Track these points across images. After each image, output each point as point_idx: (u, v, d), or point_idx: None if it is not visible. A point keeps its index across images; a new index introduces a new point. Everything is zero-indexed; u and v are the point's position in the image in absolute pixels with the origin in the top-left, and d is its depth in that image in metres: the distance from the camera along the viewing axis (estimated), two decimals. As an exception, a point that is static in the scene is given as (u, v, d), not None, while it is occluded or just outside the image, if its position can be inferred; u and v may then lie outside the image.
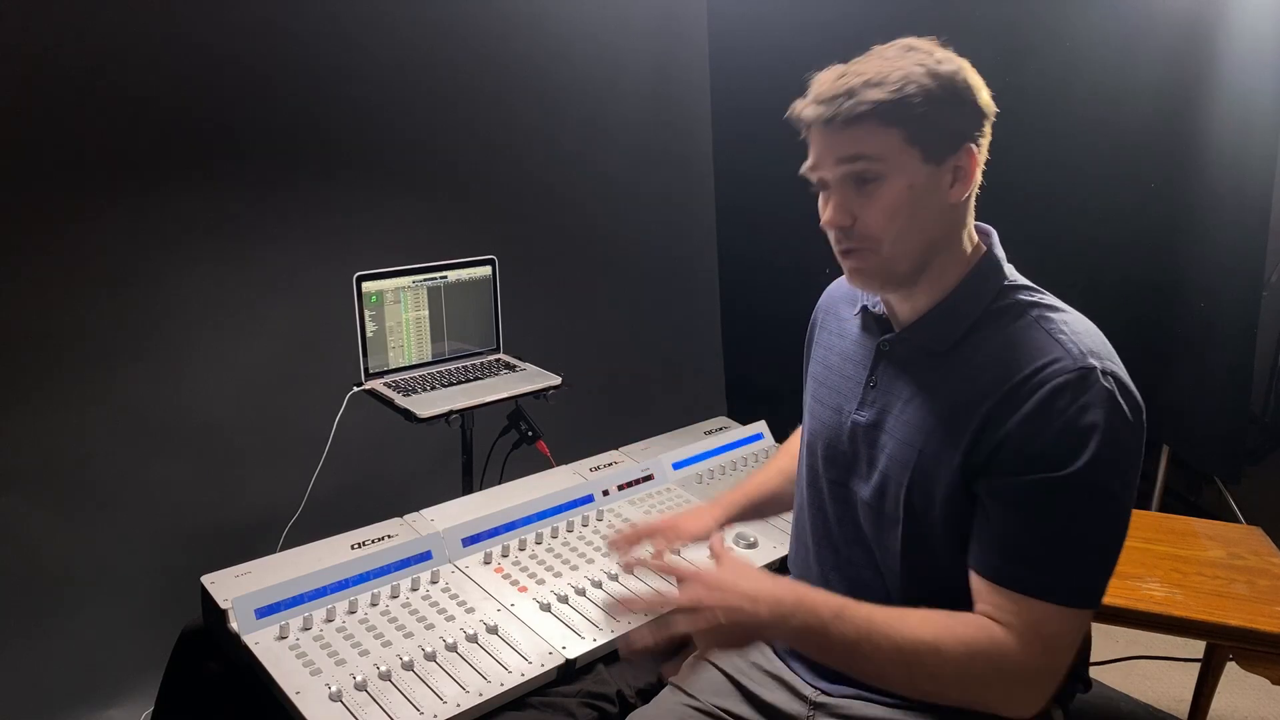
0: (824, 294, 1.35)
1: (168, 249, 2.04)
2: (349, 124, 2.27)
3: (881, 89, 0.98)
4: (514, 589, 1.49)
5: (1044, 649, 0.97)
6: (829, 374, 1.22)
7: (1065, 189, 2.45)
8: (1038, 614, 0.96)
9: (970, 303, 1.06)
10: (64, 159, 1.87)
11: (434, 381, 2.06)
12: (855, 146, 1.00)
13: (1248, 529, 2.01)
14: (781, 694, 1.20)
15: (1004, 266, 1.09)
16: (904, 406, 1.09)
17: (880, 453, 1.10)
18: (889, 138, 0.99)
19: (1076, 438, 0.94)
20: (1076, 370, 0.96)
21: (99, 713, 2.01)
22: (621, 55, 2.81)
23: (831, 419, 1.19)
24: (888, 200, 1.01)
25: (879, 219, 1.02)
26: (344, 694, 1.21)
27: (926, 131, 1.00)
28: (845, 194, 1.03)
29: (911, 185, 1.01)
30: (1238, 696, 2.18)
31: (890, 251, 1.03)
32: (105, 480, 2.02)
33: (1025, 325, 1.03)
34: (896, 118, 0.99)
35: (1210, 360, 2.43)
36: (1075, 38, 2.37)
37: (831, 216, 1.04)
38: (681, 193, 3.11)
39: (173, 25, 1.94)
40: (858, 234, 1.03)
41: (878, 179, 1.01)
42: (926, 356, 1.08)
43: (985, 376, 1.01)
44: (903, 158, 1.00)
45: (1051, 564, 0.96)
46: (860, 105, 0.98)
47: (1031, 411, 0.96)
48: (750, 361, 3.20)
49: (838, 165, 1.02)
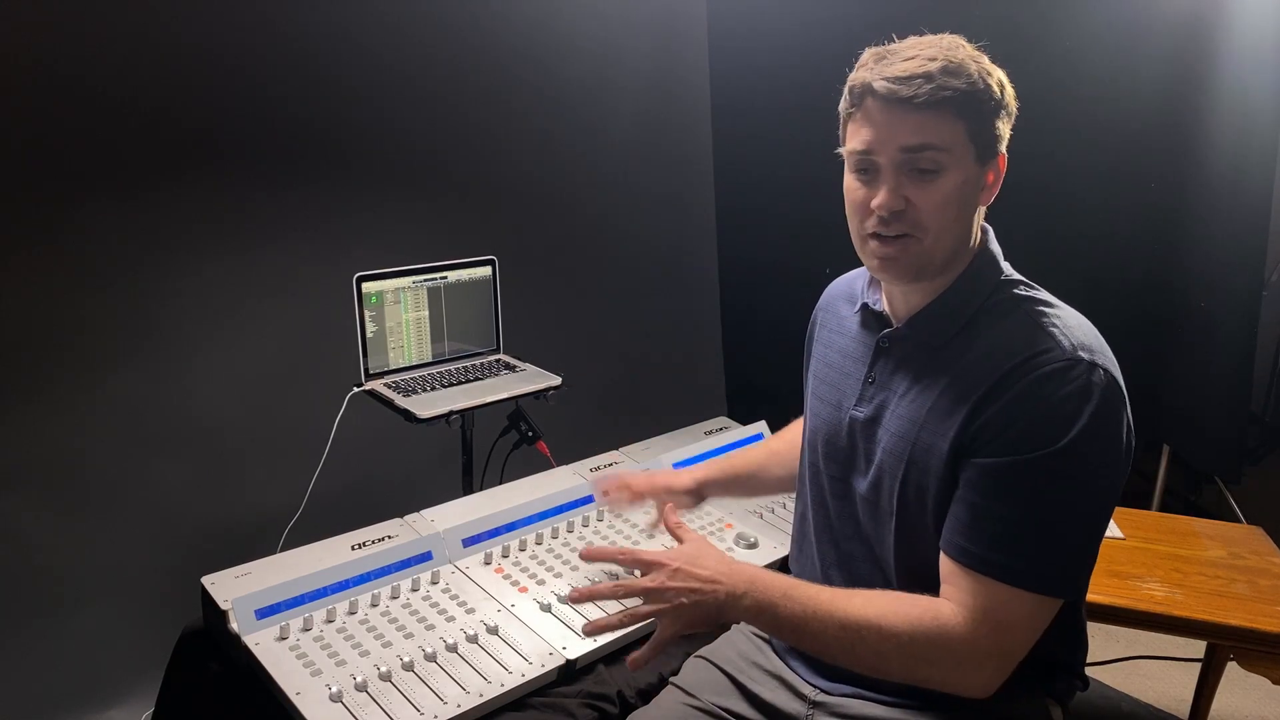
0: (824, 293, 1.35)
1: (168, 249, 2.04)
2: (349, 124, 2.27)
3: (960, 79, 0.98)
4: (514, 589, 1.49)
5: (994, 631, 0.97)
6: (829, 371, 1.23)
7: (1065, 189, 2.45)
8: (993, 595, 0.97)
9: (967, 298, 1.07)
10: (64, 159, 1.87)
11: (434, 382, 2.06)
12: (926, 134, 0.99)
13: (1248, 529, 2.01)
14: (781, 693, 1.20)
15: (1000, 262, 1.10)
16: (899, 401, 1.09)
17: (876, 447, 1.11)
18: (957, 130, 0.99)
19: (1054, 422, 0.95)
20: (1065, 360, 0.97)
21: (99, 713, 2.01)
22: (622, 55, 2.81)
23: (831, 415, 1.20)
24: (945, 191, 1.00)
25: (933, 208, 1.00)
26: (344, 695, 1.21)
27: (983, 131, 1.01)
28: (900, 179, 1.01)
29: (965, 180, 1.01)
30: (1238, 696, 2.18)
31: (933, 243, 1.02)
32: (105, 480, 2.02)
33: (1020, 319, 1.03)
34: (967, 112, 0.99)
35: (1210, 360, 2.43)
36: (1075, 38, 2.37)
37: (886, 199, 1.01)
38: (682, 193, 3.11)
39: (172, 25, 1.94)
40: (907, 220, 1.01)
41: (939, 170, 1.00)
42: (924, 351, 1.09)
43: (978, 369, 1.02)
44: (963, 152, 1.00)
45: (1012, 546, 0.97)
46: (943, 91, 0.97)
47: (1015, 397, 0.97)
48: (750, 361, 3.20)
49: (901, 151, 1.00)
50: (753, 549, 1.65)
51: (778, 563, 1.64)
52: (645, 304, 3.10)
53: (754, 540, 1.67)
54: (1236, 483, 2.70)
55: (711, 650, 1.33)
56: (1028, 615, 0.98)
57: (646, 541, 1.66)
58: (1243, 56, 2.25)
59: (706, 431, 2.13)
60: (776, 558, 1.63)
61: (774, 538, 1.69)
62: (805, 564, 1.27)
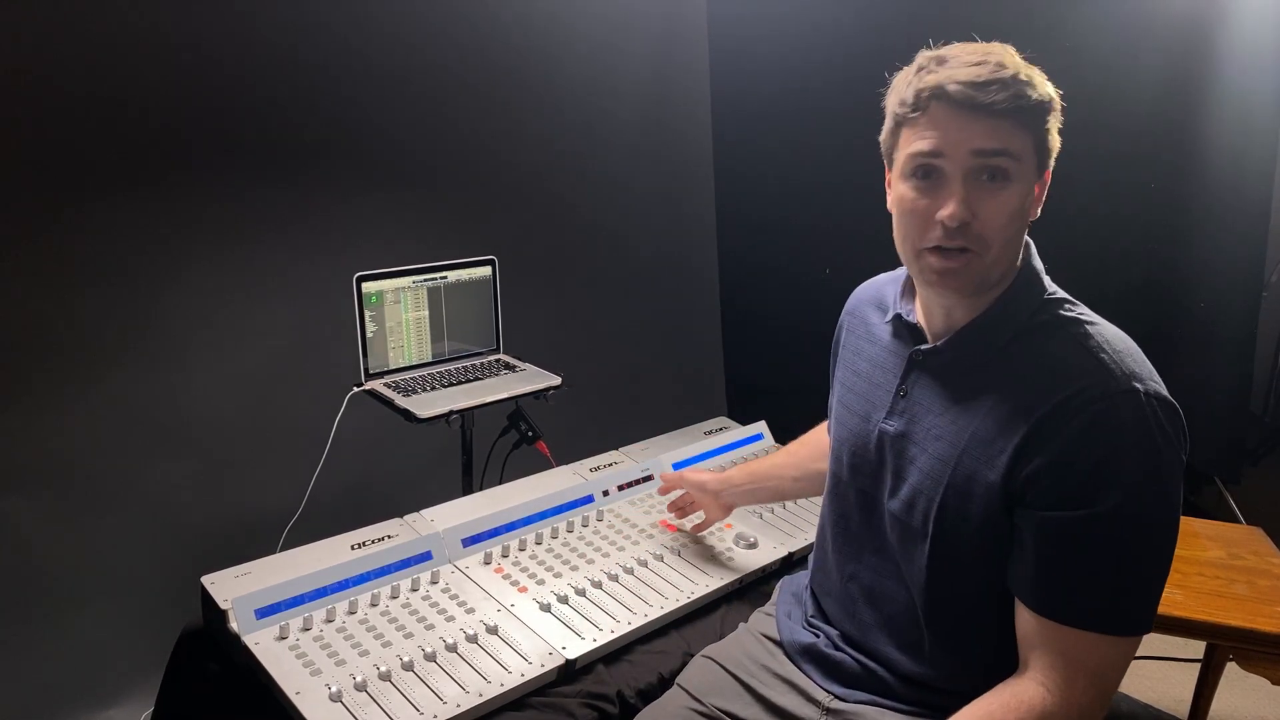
0: (851, 298, 1.31)
1: (167, 249, 2.04)
2: (350, 124, 2.27)
3: (1034, 90, 0.96)
4: (514, 589, 1.49)
5: (1092, 682, 0.95)
6: (857, 380, 1.20)
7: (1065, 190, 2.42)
8: (1085, 646, 0.95)
9: (1011, 316, 1.03)
10: (63, 159, 1.87)
11: (434, 382, 2.06)
12: (1002, 140, 0.95)
13: (1248, 529, 2.01)
14: (793, 697, 1.19)
15: (1043, 278, 1.06)
16: (936, 419, 1.06)
17: (909, 465, 1.08)
18: (1026, 140, 0.97)
19: (1123, 469, 0.92)
20: (1119, 395, 0.93)
21: (99, 713, 2.01)
22: (623, 55, 2.81)
23: (859, 426, 1.17)
24: (1011, 203, 0.97)
25: (1000, 219, 0.97)
26: (344, 694, 1.21)
27: (1045, 143, 0.99)
28: (970, 188, 0.97)
29: (1027, 193, 0.99)
30: (1238, 696, 2.18)
31: (994, 259, 0.99)
32: (105, 480, 2.02)
33: (1065, 341, 1.00)
34: (1036, 122, 0.97)
35: (1210, 361, 2.43)
36: (1075, 38, 2.37)
37: (956, 210, 0.96)
38: (681, 193, 3.11)
39: (172, 24, 1.93)
40: (972, 233, 0.97)
41: (1008, 179, 0.96)
42: (961, 368, 1.06)
43: (1024, 395, 0.98)
44: (1030, 163, 0.98)
45: (1099, 595, 0.95)
46: (1019, 100, 0.94)
47: (1074, 438, 0.93)
48: (750, 361, 3.20)
49: (974, 156, 0.96)
50: (752, 549, 1.65)
51: (778, 563, 1.64)
52: (645, 304, 3.09)
53: (754, 540, 1.67)
54: (1236, 483, 2.71)
55: (719, 651, 1.32)
56: (1121, 657, 0.96)
57: (645, 541, 1.66)
58: (1243, 57, 2.25)
59: (706, 431, 2.13)
60: (776, 557, 1.64)
61: (774, 538, 1.70)
62: (824, 575, 1.25)
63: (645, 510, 1.78)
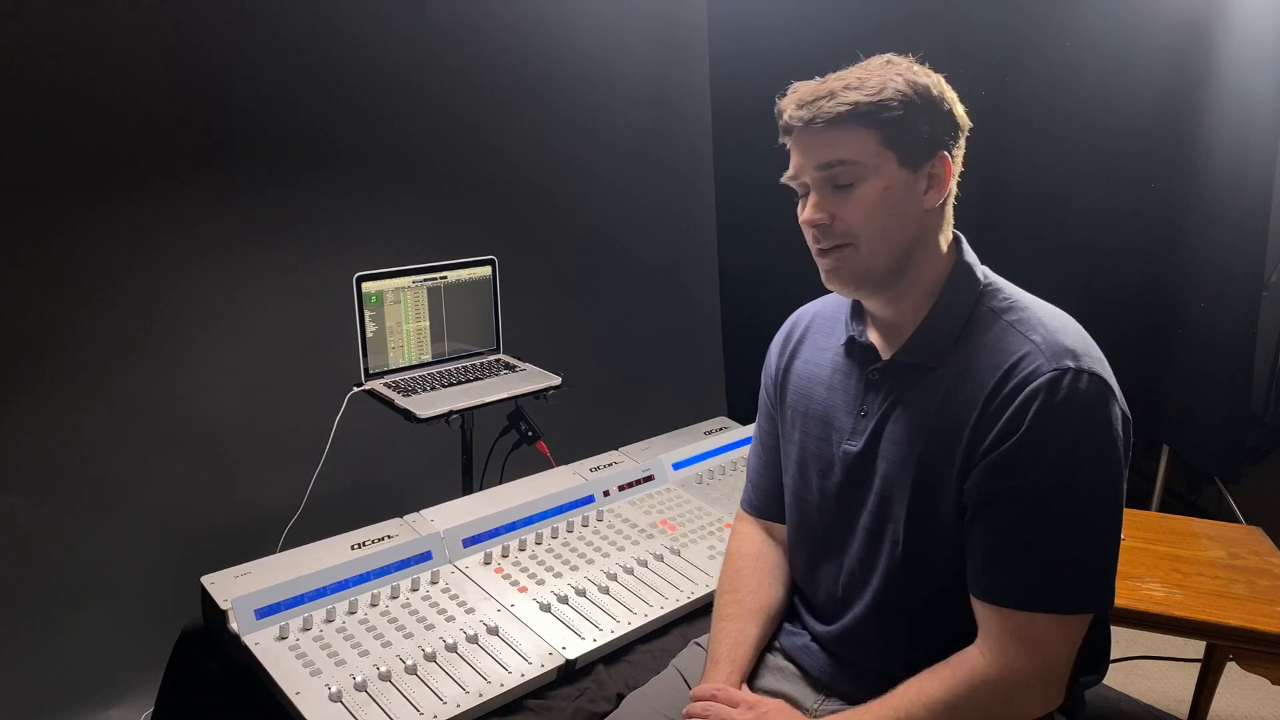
0: (790, 324, 1.32)
1: (167, 249, 2.04)
2: (349, 124, 2.27)
3: (860, 92, 1.01)
4: (514, 589, 1.49)
5: (1035, 658, 0.98)
6: (811, 404, 1.20)
7: (1066, 190, 2.45)
8: (1028, 626, 0.97)
9: (954, 312, 1.06)
10: (63, 159, 1.87)
11: (434, 382, 2.06)
12: (834, 151, 1.02)
13: (1248, 529, 2.01)
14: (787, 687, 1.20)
15: (976, 271, 1.09)
16: (893, 428, 1.08)
17: (875, 476, 1.10)
18: (866, 140, 1.01)
19: (1053, 446, 0.95)
20: (1050, 373, 0.96)
21: (99, 713, 2.01)
22: (623, 55, 2.81)
23: (821, 449, 1.18)
24: (865, 200, 1.02)
25: (856, 218, 1.03)
26: (344, 694, 1.21)
27: (902, 136, 1.02)
28: (824, 194, 1.05)
29: (888, 187, 1.02)
30: (1238, 696, 2.18)
31: (868, 250, 1.04)
32: (105, 480, 2.02)
33: (1001, 330, 1.03)
34: (874, 120, 1.01)
35: (1210, 360, 2.43)
36: (1075, 38, 2.37)
37: (810, 214, 1.05)
38: (682, 192, 3.11)
39: (172, 24, 1.93)
40: (836, 231, 1.04)
41: (855, 181, 1.02)
42: (916, 374, 1.08)
43: (969, 388, 1.01)
44: (879, 160, 1.02)
45: (1040, 576, 0.97)
46: (840, 105, 1.00)
47: (1009, 421, 0.97)
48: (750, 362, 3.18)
49: (818, 170, 1.04)
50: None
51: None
52: (645, 304, 3.09)
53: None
54: (1236, 483, 2.70)
55: None
56: (1065, 635, 0.98)
57: (645, 541, 1.66)
58: (1243, 57, 2.25)
59: (706, 431, 2.13)
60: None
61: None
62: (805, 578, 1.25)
63: (645, 510, 1.78)
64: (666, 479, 1.91)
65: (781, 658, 1.24)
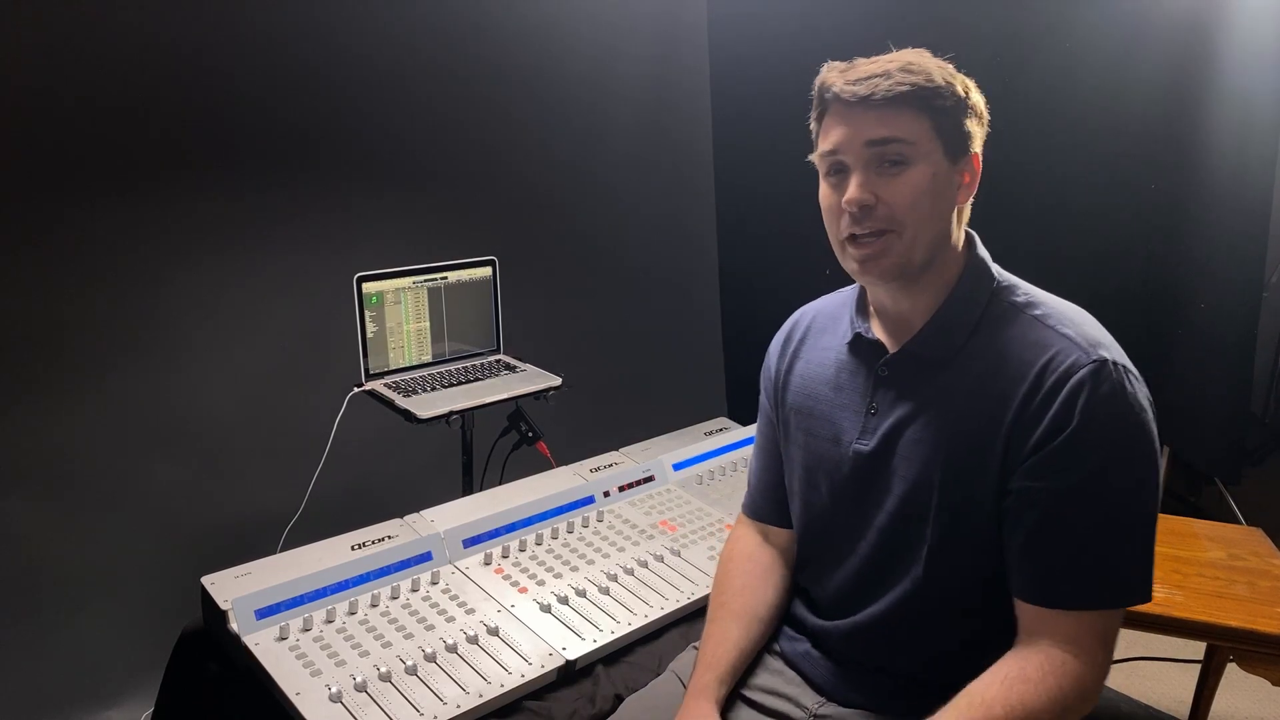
0: (790, 325, 1.31)
1: (168, 249, 2.04)
2: (350, 125, 2.27)
3: (919, 76, 1.00)
4: (514, 590, 1.49)
5: (1104, 655, 0.98)
6: (816, 404, 1.19)
7: (1066, 190, 2.45)
8: (1094, 623, 0.97)
9: (968, 307, 1.06)
10: (63, 159, 1.87)
11: (434, 382, 2.06)
12: (889, 128, 1.00)
13: (1248, 530, 2.00)
14: (780, 701, 1.19)
15: (991, 268, 1.09)
16: (912, 427, 1.06)
17: (894, 477, 1.08)
18: (921, 124, 1.01)
19: (1107, 438, 0.95)
20: (1090, 365, 0.96)
21: (99, 713, 2.01)
22: (623, 55, 2.81)
23: (830, 450, 1.16)
24: (915, 183, 1.00)
25: (905, 200, 1.00)
26: (344, 695, 1.21)
27: (950, 128, 1.02)
28: (869, 175, 1.01)
29: (936, 174, 1.02)
30: (1238, 697, 2.18)
31: (911, 238, 1.01)
32: (105, 480, 2.02)
33: (1026, 324, 1.03)
34: (930, 107, 1.01)
35: (1210, 361, 2.43)
36: (1075, 39, 2.37)
37: (855, 194, 1.01)
38: (681, 192, 3.11)
39: (172, 24, 1.94)
40: (880, 215, 1.01)
41: (906, 162, 1.00)
42: (928, 370, 1.07)
43: (1001, 383, 1.00)
44: (930, 146, 1.01)
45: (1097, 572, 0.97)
46: (901, 86, 0.99)
47: (1057, 416, 0.96)
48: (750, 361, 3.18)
49: (867, 147, 1.01)
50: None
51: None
52: (645, 304, 3.09)
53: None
54: (1236, 483, 2.70)
55: None
56: (1116, 627, 1.00)
57: (645, 541, 1.66)
58: (1243, 57, 2.25)
59: (706, 432, 2.13)
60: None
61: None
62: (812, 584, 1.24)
63: (645, 511, 1.78)
64: (667, 480, 1.91)
65: (781, 662, 1.23)
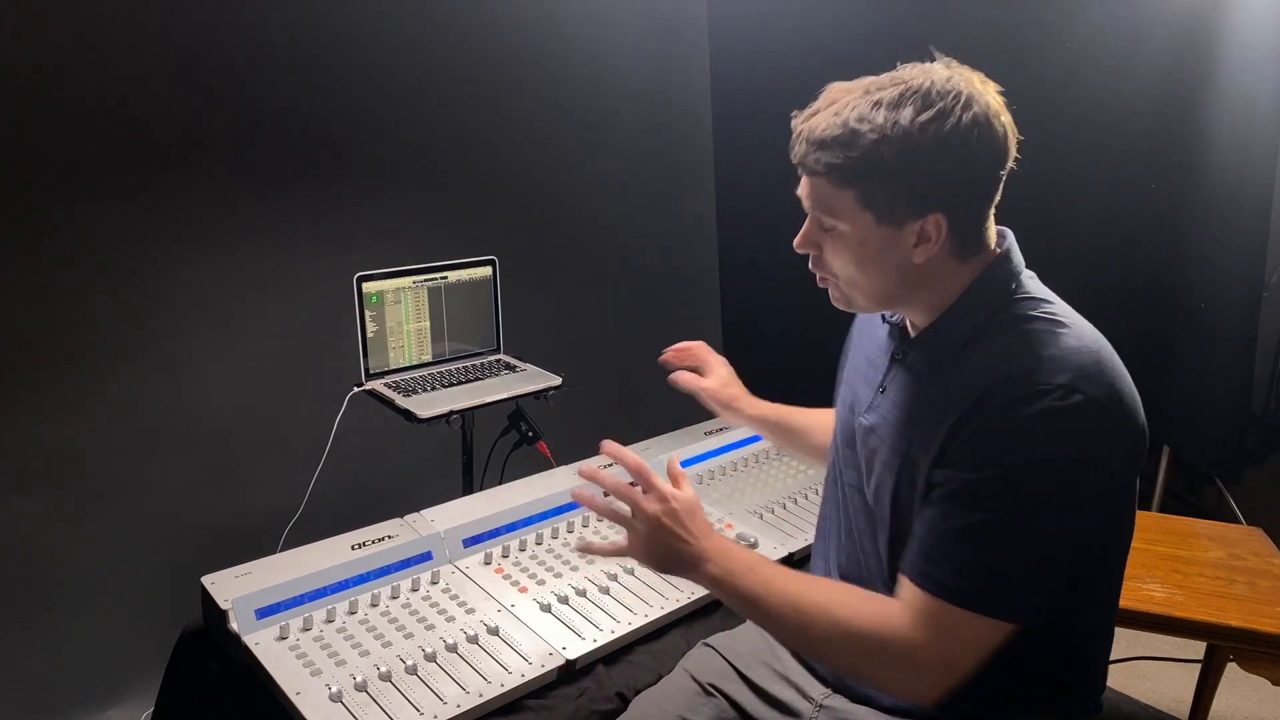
0: None
1: (168, 249, 2.04)
2: (349, 124, 2.27)
3: (835, 152, 0.97)
4: (514, 590, 1.49)
5: (938, 643, 0.97)
6: (854, 376, 1.25)
7: (1066, 190, 2.45)
8: (940, 612, 0.96)
9: (970, 315, 1.04)
10: (65, 160, 1.87)
11: (434, 382, 2.06)
12: (812, 197, 1.04)
13: (1248, 530, 2.01)
14: (788, 691, 1.22)
15: (1019, 276, 1.06)
16: (896, 413, 1.10)
17: (875, 456, 1.13)
18: (844, 197, 1.00)
19: (1009, 445, 0.94)
20: (1042, 386, 0.94)
21: (99, 713, 2.01)
22: (623, 55, 2.81)
23: (846, 419, 1.22)
24: (843, 248, 1.04)
25: (835, 261, 1.06)
26: (344, 694, 1.21)
27: (880, 195, 0.98)
28: (811, 227, 1.07)
29: (864, 242, 1.01)
30: (1238, 697, 2.18)
31: (848, 289, 1.07)
32: (105, 480, 2.02)
33: (1012, 338, 1.01)
34: (850, 181, 0.99)
35: (1210, 361, 2.43)
36: (1075, 39, 2.37)
37: (797, 241, 1.09)
38: (682, 192, 3.11)
39: (172, 24, 1.94)
40: (820, 263, 1.08)
41: (834, 229, 1.03)
42: (927, 366, 1.09)
43: (961, 387, 1.00)
44: (853, 216, 1.00)
45: (961, 568, 0.96)
46: (818, 165, 1.00)
47: (985, 419, 0.96)
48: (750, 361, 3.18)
49: (807, 202, 1.06)
50: (753, 549, 1.65)
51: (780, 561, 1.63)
52: (645, 304, 3.10)
53: (754, 540, 1.67)
54: (1236, 483, 2.71)
55: (722, 643, 1.34)
56: (974, 636, 0.96)
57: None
58: (1243, 57, 2.25)
59: (706, 431, 2.13)
60: (776, 558, 1.63)
61: (774, 538, 1.70)
62: (818, 561, 1.29)
63: (645, 510, 1.78)
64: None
65: (788, 652, 1.26)
